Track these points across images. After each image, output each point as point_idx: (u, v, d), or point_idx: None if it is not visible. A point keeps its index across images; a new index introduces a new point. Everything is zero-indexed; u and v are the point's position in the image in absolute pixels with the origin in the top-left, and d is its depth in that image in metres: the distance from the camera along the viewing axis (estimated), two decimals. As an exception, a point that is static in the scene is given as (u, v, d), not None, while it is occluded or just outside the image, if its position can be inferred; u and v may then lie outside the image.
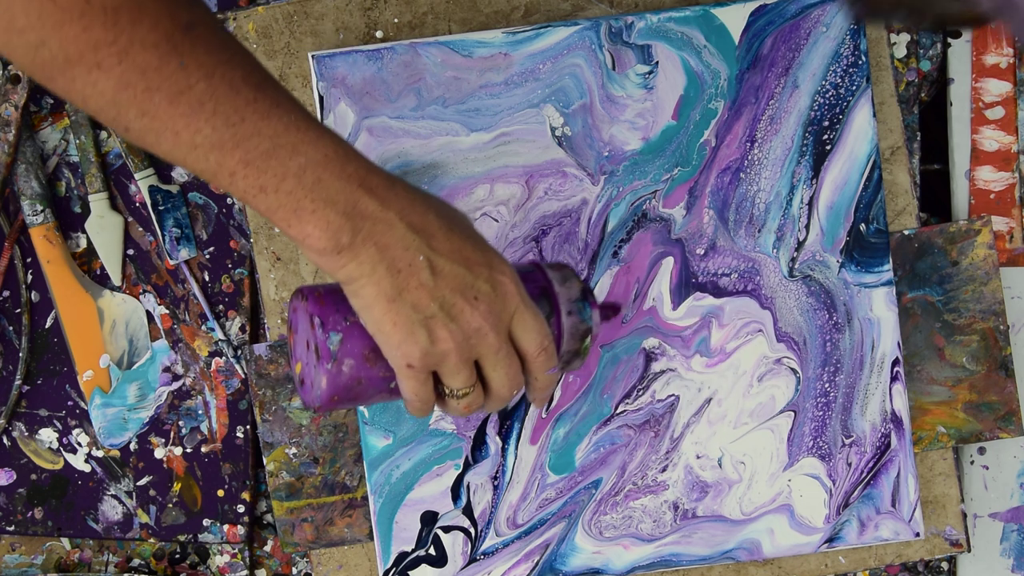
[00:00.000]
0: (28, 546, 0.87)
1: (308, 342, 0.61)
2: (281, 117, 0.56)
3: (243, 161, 0.55)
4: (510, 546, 0.81)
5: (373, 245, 0.57)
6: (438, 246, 0.59)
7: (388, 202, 0.58)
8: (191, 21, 0.55)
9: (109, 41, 0.53)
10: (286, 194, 0.56)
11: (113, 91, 0.54)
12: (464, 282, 0.59)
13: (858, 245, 0.80)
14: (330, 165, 0.57)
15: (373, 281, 0.58)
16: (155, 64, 0.54)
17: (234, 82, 0.55)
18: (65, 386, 0.86)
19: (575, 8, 0.81)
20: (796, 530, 0.81)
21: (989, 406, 0.83)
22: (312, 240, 0.57)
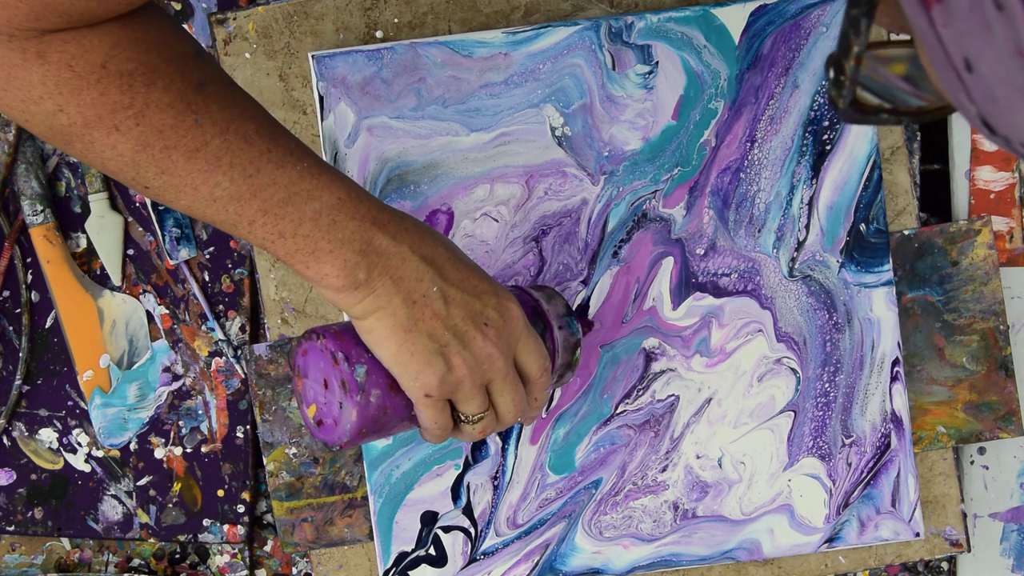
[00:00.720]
0: (28, 546, 0.87)
1: (328, 380, 0.62)
2: (295, 165, 0.58)
3: (261, 210, 0.57)
4: (510, 546, 0.81)
5: (388, 278, 0.59)
6: (449, 276, 0.61)
7: (399, 237, 0.60)
8: (202, 80, 0.57)
9: (126, 104, 0.54)
10: (303, 238, 0.58)
11: (132, 152, 0.55)
12: (474, 310, 0.61)
13: (858, 245, 0.80)
14: (344, 207, 0.59)
15: (389, 313, 0.59)
16: (171, 123, 0.55)
17: (248, 135, 0.57)
18: (65, 386, 0.86)
19: (575, 8, 0.81)
20: (796, 530, 0.81)
21: (989, 406, 0.83)
22: (330, 279, 0.59)
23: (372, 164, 0.79)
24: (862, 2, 0.33)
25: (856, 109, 0.37)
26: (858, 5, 0.33)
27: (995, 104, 0.30)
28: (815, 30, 0.79)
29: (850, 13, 0.34)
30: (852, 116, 0.37)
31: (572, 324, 0.69)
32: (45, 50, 0.53)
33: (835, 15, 0.79)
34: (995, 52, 0.29)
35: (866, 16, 0.34)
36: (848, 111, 0.36)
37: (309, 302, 0.82)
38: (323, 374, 0.62)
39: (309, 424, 0.64)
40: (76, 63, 0.53)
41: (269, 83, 0.81)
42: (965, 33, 0.29)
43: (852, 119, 0.37)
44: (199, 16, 0.85)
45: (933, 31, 0.30)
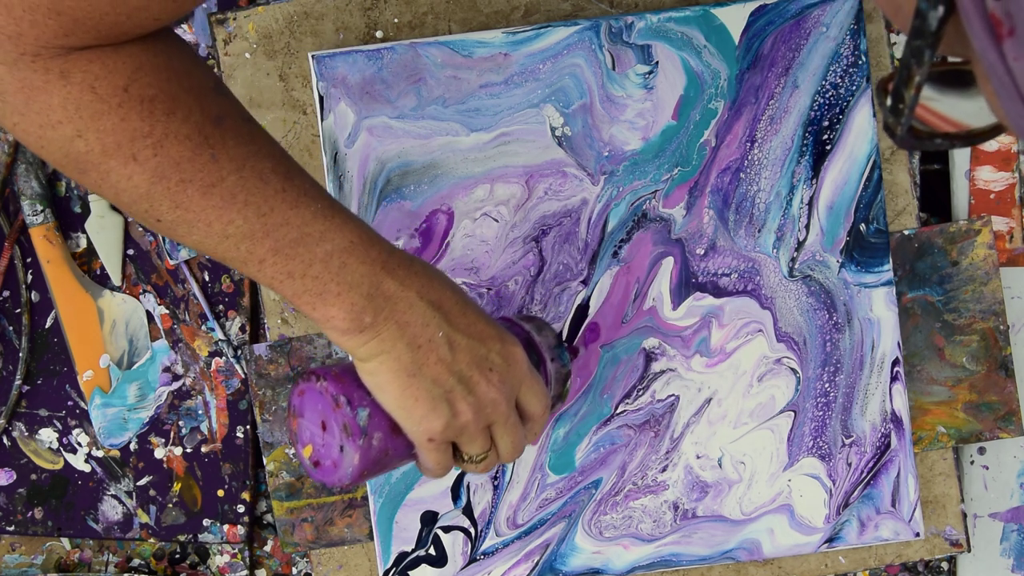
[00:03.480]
0: (28, 546, 0.87)
1: (326, 422, 0.62)
2: (308, 206, 0.58)
3: (272, 249, 0.57)
4: (510, 546, 0.81)
5: (394, 323, 0.59)
6: (455, 322, 0.61)
7: (408, 282, 0.60)
8: (220, 114, 0.56)
9: (145, 132, 0.54)
10: (312, 279, 0.58)
11: (148, 184, 0.55)
12: (479, 355, 0.61)
13: (858, 245, 0.80)
14: (355, 250, 0.59)
15: (393, 357, 0.59)
16: (188, 156, 0.55)
17: (263, 174, 0.57)
18: (65, 386, 0.86)
19: (575, 8, 0.81)
20: (796, 530, 0.81)
21: (989, 406, 0.83)
22: (336, 321, 0.58)
23: (372, 164, 0.79)
24: (927, 34, 0.33)
25: (912, 136, 0.37)
26: (922, 37, 0.33)
27: None
28: (815, 30, 0.79)
29: (913, 44, 0.34)
30: (909, 143, 0.37)
31: (563, 355, 0.70)
32: (69, 69, 0.52)
33: (835, 15, 0.79)
34: None
35: (930, 48, 0.33)
36: (906, 138, 0.36)
37: (309, 302, 0.82)
38: (321, 416, 0.62)
39: (305, 464, 0.63)
40: (99, 84, 0.53)
41: (269, 83, 0.81)
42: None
43: (909, 145, 0.37)
44: (199, 16, 0.85)
45: (1003, 64, 0.30)
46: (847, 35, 0.79)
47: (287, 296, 0.59)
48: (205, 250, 0.58)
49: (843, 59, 0.79)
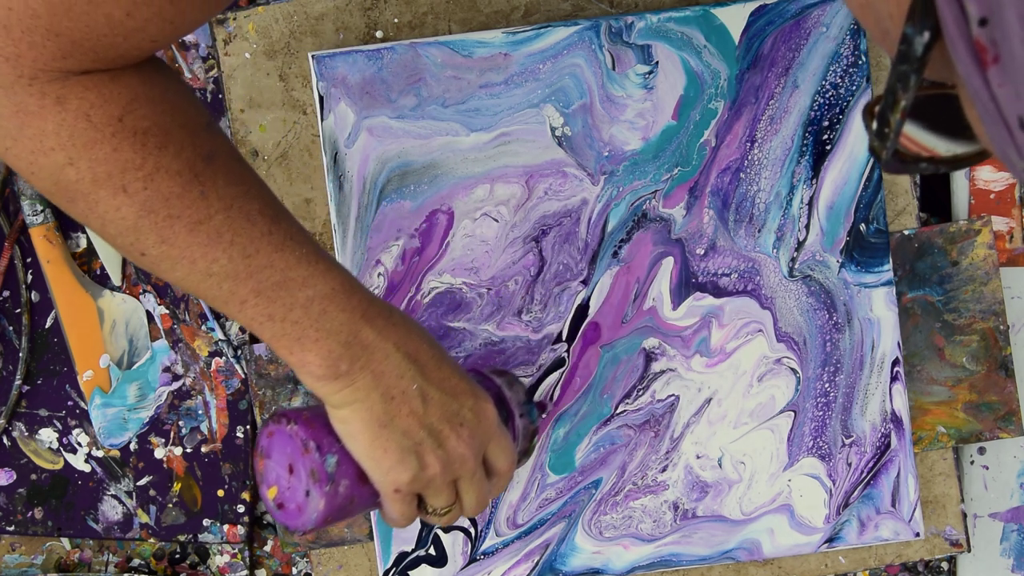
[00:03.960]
0: (28, 546, 0.87)
1: (293, 466, 0.62)
2: (294, 250, 0.58)
3: (255, 291, 0.57)
4: (510, 546, 0.81)
5: (370, 373, 0.59)
6: (430, 375, 0.61)
7: (386, 332, 0.60)
8: (212, 152, 0.56)
9: (137, 164, 0.54)
10: (292, 323, 0.58)
11: (135, 216, 0.55)
12: (451, 410, 0.62)
13: (858, 245, 0.80)
14: (336, 298, 0.59)
15: (367, 406, 0.60)
16: (178, 192, 0.55)
17: (251, 214, 0.57)
18: (65, 386, 0.86)
19: (575, 8, 0.81)
20: (796, 530, 0.81)
21: (989, 406, 0.83)
22: (312, 367, 0.58)
23: (372, 164, 0.79)
24: (913, 60, 0.33)
25: (898, 160, 0.37)
26: (908, 62, 0.33)
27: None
28: (815, 30, 0.79)
29: (899, 69, 0.34)
30: (894, 167, 0.37)
31: (532, 412, 0.71)
32: (65, 95, 0.52)
33: (835, 15, 0.79)
34: None
35: (916, 73, 0.34)
36: (891, 162, 0.37)
37: (309, 302, 0.82)
38: (289, 459, 0.62)
39: (269, 505, 0.63)
40: (94, 113, 0.53)
41: (269, 83, 0.81)
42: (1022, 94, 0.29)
43: (895, 169, 0.37)
44: (199, 16, 0.85)
45: (987, 90, 0.30)
46: (847, 35, 0.79)
47: (265, 339, 0.59)
48: (187, 287, 0.58)
49: (843, 59, 0.79)
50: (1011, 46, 0.29)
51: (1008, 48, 0.29)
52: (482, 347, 0.80)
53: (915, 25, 0.33)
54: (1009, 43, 0.29)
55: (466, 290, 0.80)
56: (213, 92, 0.84)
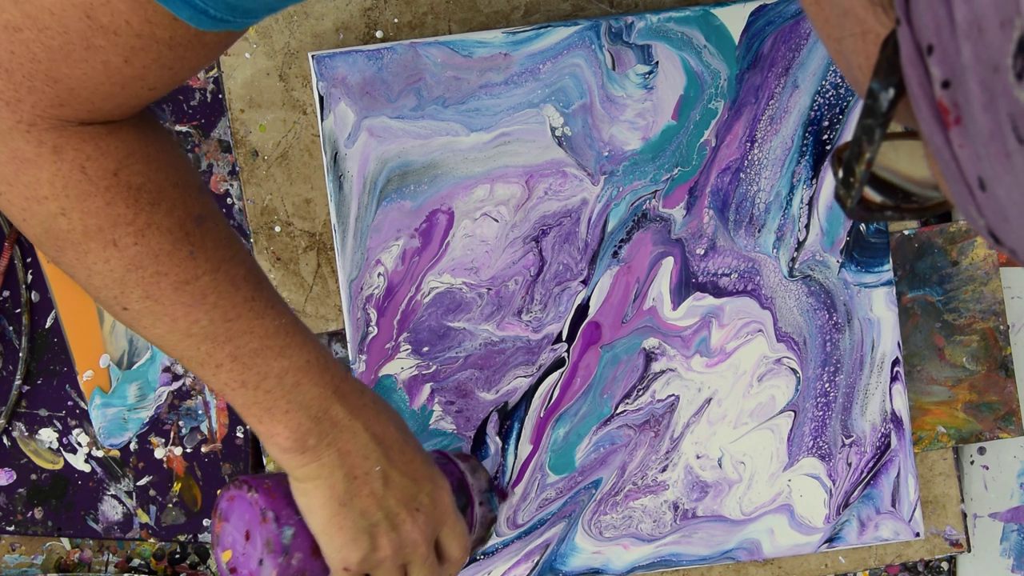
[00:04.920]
0: (28, 546, 0.87)
1: (250, 532, 0.62)
2: (274, 319, 0.58)
3: (232, 355, 0.57)
4: (510, 546, 0.81)
5: (336, 450, 0.60)
6: (394, 458, 0.62)
7: (356, 411, 0.61)
8: (202, 213, 0.57)
9: (129, 219, 0.54)
10: (265, 392, 0.58)
11: (123, 270, 0.55)
12: (410, 494, 0.62)
13: (858, 245, 0.80)
14: (311, 371, 0.59)
15: (329, 484, 0.60)
16: (168, 249, 0.55)
17: (236, 279, 0.57)
18: (65, 386, 0.86)
19: (575, 8, 0.81)
20: (796, 530, 0.81)
21: (989, 406, 0.83)
22: (280, 439, 0.59)
23: (372, 164, 0.79)
24: (878, 114, 0.34)
25: (863, 208, 0.38)
26: (873, 116, 0.34)
27: (1007, 223, 0.30)
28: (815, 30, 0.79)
29: (864, 122, 0.34)
30: (860, 215, 0.38)
31: (492, 500, 0.71)
32: (62, 145, 0.52)
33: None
34: (1013, 179, 0.29)
35: (880, 127, 0.34)
36: (856, 210, 0.37)
37: (309, 302, 0.82)
38: (247, 525, 0.62)
39: (221, 568, 0.63)
40: (90, 165, 0.53)
41: (269, 83, 0.81)
42: (983, 157, 0.30)
43: (859, 217, 0.38)
44: (199, 16, 0.85)
45: (949, 149, 0.31)
46: (847, 35, 0.79)
47: (235, 405, 0.59)
48: (164, 345, 0.58)
49: (843, 59, 0.79)
50: (972, 110, 0.29)
51: (969, 112, 0.29)
52: (482, 347, 0.80)
53: (881, 82, 0.33)
54: (971, 107, 0.29)
55: (466, 290, 0.80)
56: (213, 92, 0.84)
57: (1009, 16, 0.27)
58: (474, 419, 0.80)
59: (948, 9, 0.29)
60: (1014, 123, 0.28)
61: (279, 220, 0.82)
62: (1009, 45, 0.27)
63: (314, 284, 0.82)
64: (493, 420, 0.81)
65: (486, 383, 0.80)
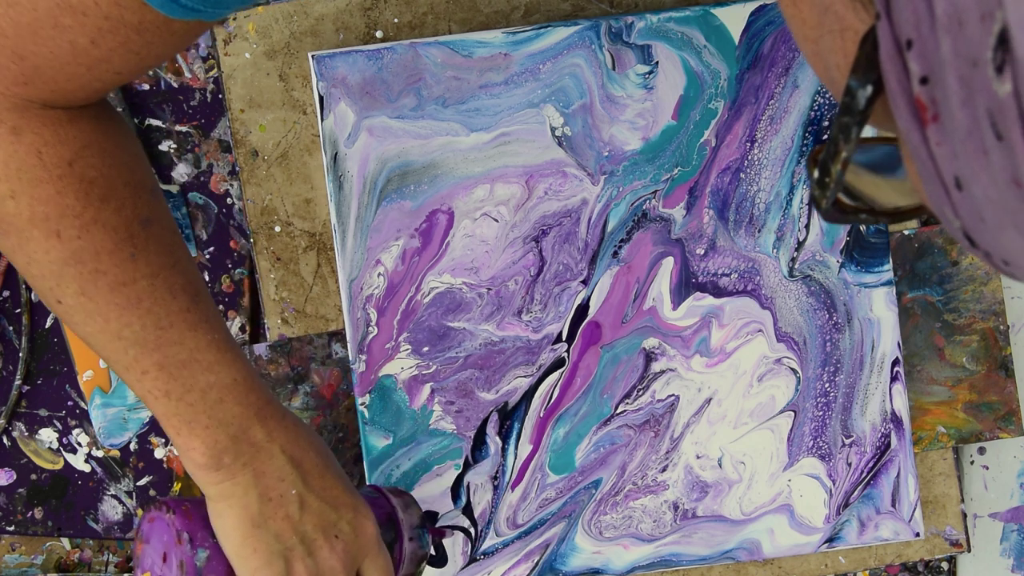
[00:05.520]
0: (28, 546, 0.87)
1: (167, 555, 0.62)
2: (207, 333, 0.58)
3: (158, 364, 0.57)
4: (510, 546, 0.81)
5: (251, 470, 0.59)
6: (312, 483, 0.61)
7: (275, 434, 0.60)
8: (150, 216, 0.56)
9: (77, 212, 0.54)
10: (187, 405, 0.58)
11: (62, 263, 0.55)
12: (328, 520, 0.61)
13: (858, 245, 0.80)
14: (236, 390, 0.59)
15: (243, 504, 0.59)
16: (110, 248, 0.55)
17: (174, 288, 0.57)
18: (65, 386, 0.86)
19: (575, 8, 0.81)
20: (796, 530, 0.81)
21: (989, 406, 0.83)
22: (196, 454, 0.58)
23: (372, 164, 0.79)
24: (855, 112, 0.33)
25: (838, 209, 0.37)
26: (850, 114, 0.34)
27: (982, 223, 0.30)
28: (815, 30, 0.79)
29: (841, 120, 0.34)
30: (834, 216, 0.37)
31: (423, 537, 0.70)
32: (22, 127, 0.52)
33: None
34: (989, 177, 0.29)
35: (857, 125, 0.34)
36: (830, 211, 0.37)
37: (309, 302, 0.82)
38: (164, 547, 0.62)
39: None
40: (46, 151, 0.53)
41: (269, 83, 0.81)
42: (960, 154, 0.29)
43: (834, 219, 0.37)
44: (199, 16, 0.85)
45: (926, 147, 0.31)
46: (847, 35, 0.79)
47: (156, 413, 0.58)
48: (93, 344, 0.57)
49: (843, 59, 0.79)
50: (950, 106, 0.29)
51: (947, 108, 0.29)
52: (482, 347, 0.80)
53: (859, 78, 0.33)
54: (948, 103, 0.29)
55: (466, 290, 0.80)
56: (213, 92, 0.84)
57: (990, 9, 0.27)
58: (474, 419, 0.80)
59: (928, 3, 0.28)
60: (992, 119, 0.28)
61: (279, 220, 0.82)
62: (989, 39, 0.27)
63: (314, 284, 0.82)
64: (493, 420, 0.81)
65: (486, 383, 0.80)
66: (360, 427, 0.80)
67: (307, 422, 0.82)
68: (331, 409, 0.83)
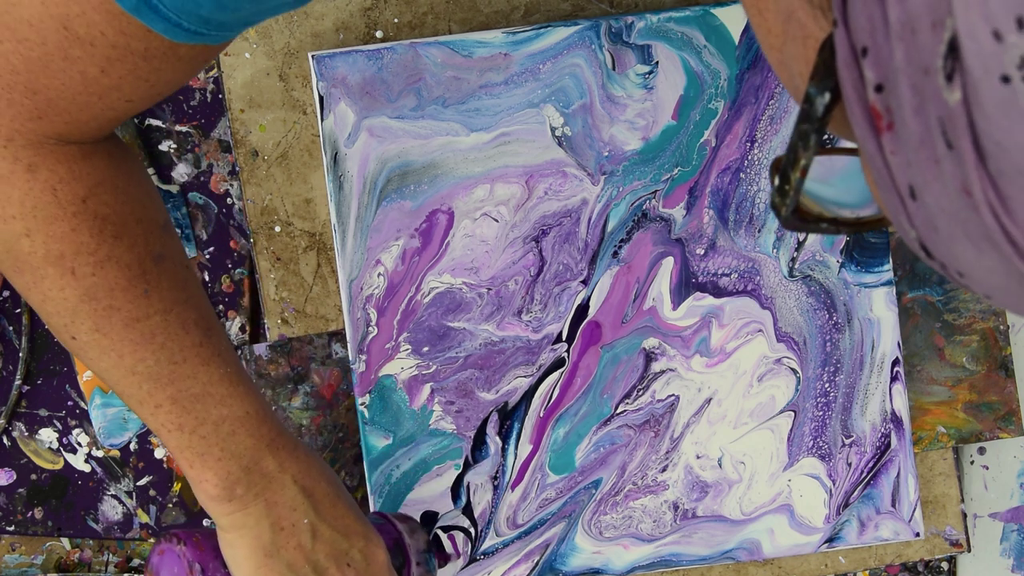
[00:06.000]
0: (28, 546, 0.87)
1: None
2: (219, 367, 0.59)
3: (172, 398, 0.58)
4: (510, 546, 0.81)
5: (264, 501, 0.60)
6: (323, 512, 0.62)
7: (286, 464, 0.61)
8: (162, 253, 0.57)
9: (91, 249, 0.54)
10: (200, 438, 0.58)
11: (77, 300, 0.55)
12: (340, 549, 0.62)
13: (858, 245, 0.80)
14: (248, 422, 0.59)
15: (255, 534, 0.60)
16: (124, 285, 0.55)
17: (187, 323, 0.58)
18: (65, 386, 0.86)
19: (575, 8, 0.81)
20: (796, 530, 0.81)
21: (989, 406, 0.83)
22: (208, 486, 0.59)
23: (372, 164, 0.79)
24: (813, 119, 0.33)
25: (798, 217, 0.37)
26: (809, 121, 0.34)
27: (936, 233, 0.30)
28: (815, 30, 0.79)
29: (800, 127, 0.34)
30: (794, 224, 0.37)
31: (430, 561, 0.70)
32: (37, 164, 0.53)
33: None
34: (941, 186, 0.29)
35: (816, 132, 0.34)
36: (790, 219, 0.37)
37: (309, 302, 0.82)
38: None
39: None
40: (61, 188, 0.53)
41: (269, 83, 0.81)
42: (913, 163, 0.29)
43: (794, 227, 0.37)
44: (199, 16, 0.85)
45: (881, 156, 0.31)
46: (847, 35, 0.79)
47: (169, 446, 0.59)
48: (107, 379, 0.58)
49: (843, 59, 0.79)
50: (903, 114, 0.29)
51: (901, 116, 0.29)
52: (482, 347, 0.80)
53: (817, 85, 0.33)
54: (902, 111, 0.29)
55: (466, 290, 0.80)
56: (213, 92, 0.84)
57: (940, 17, 0.27)
58: (474, 419, 0.80)
59: (883, 10, 0.28)
60: (943, 127, 0.28)
61: (279, 220, 0.82)
62: (940, 47, 0.27)
63: (314, 284, 0.82)
64: (493, 420, 0.81)
65: (486, 383, 0.80)
66: (360, 427, 0.80)
67: (307, 421, 0.82)
68: (331, 409, 0.83)
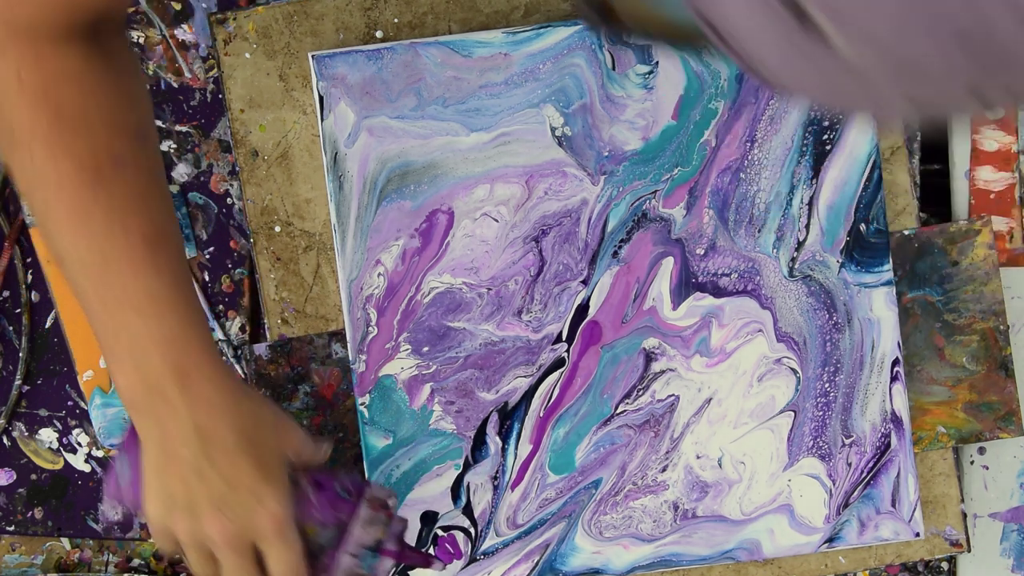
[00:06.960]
0: (28, 546, 0.87)
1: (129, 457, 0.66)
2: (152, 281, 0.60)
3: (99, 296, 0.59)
4: (510, 546, 0.81)
5: (157, 424, 0.61)
6: (214, 456, 0.61)
7: (192, 399, 0.61)
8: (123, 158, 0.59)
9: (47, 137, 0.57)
10: (116, 341, 0.60)
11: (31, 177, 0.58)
12: (218, 495, 0.61)
13: (858, 245, 0.80)
14: (164, 345, 0.60)
15: (148, 447, 0.62)
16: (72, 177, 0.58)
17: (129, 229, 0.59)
18: (65, 386, 0.86)
19: (575, 8, 0.81)
20: (796, 530, 0.81)
21: (989, 406, 0.83)
22: (117, 384, 0.61)
23: (372, 164, 0.79)
24: None
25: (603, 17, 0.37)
26: None
27: None
28: (815, 30, 0.79)
29: None
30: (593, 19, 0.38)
31: (368, 559, 0.67)
32: (7, 47, 0.54)
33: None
34: None
35: None
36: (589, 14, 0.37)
37: (309, 302, 0.82)
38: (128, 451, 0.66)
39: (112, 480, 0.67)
40: (26, 73, 0.55)
41: (269, 83, 0.81)
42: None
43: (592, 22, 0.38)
44: (199, 16, 0.85)
45: None
46: (847, 35, 0.79)
47: (94, 329, 0.60)
48: (55, 258, 0.60)
49: (843, 59, 0.79)
50: None
51: None
52: (482, 347, 0.80)
53: None
54: None
55: (466, 290, 0.80)
56: (213, 92, 0.84)
57: None
58: (474, 419, 0.80)
59: None
60: None
61: (279, 220, 0.82)
62: None
63: (314, 284, 0.82)
64: (493, 420, 0.81)
65: (486, 383, 0.80)
66: (360, 427, 0.80)
67: (307, 421, 0.82)
68: (331, 409, 0.83)
